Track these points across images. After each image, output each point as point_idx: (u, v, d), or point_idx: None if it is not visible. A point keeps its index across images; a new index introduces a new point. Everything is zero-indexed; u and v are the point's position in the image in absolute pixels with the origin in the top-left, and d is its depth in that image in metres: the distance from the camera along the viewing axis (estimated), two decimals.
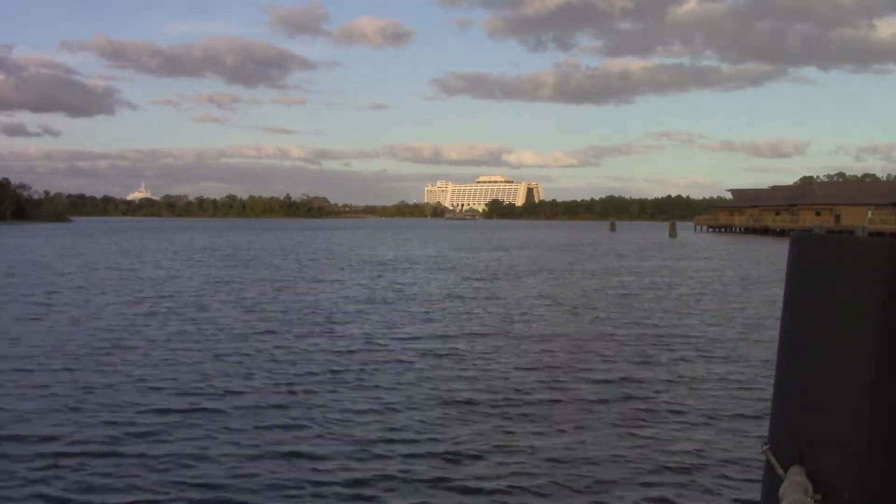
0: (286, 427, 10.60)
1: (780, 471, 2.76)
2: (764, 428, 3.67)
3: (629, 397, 12.55)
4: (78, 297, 26.51)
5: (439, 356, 16.03)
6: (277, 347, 16.82)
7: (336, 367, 14.64)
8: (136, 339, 17.71)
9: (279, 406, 11.73)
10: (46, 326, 19.66)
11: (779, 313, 3.08)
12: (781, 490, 2.58)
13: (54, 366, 14.58)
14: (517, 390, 12.96)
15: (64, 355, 15.61)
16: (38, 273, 37.17)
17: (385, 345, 17.41)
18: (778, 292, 27.27)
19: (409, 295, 28.40)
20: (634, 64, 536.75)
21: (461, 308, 24.47)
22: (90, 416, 11.09)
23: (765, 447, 2.96)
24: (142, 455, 9.31)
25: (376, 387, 13.10)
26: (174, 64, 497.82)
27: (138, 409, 11.39)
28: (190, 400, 12.03)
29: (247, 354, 15.97)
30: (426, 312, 23.31)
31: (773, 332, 17.97)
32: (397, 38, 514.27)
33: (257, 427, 10.58)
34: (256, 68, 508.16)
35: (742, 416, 11.49)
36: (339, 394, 12.54)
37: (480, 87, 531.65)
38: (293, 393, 12.55)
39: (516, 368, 14.83)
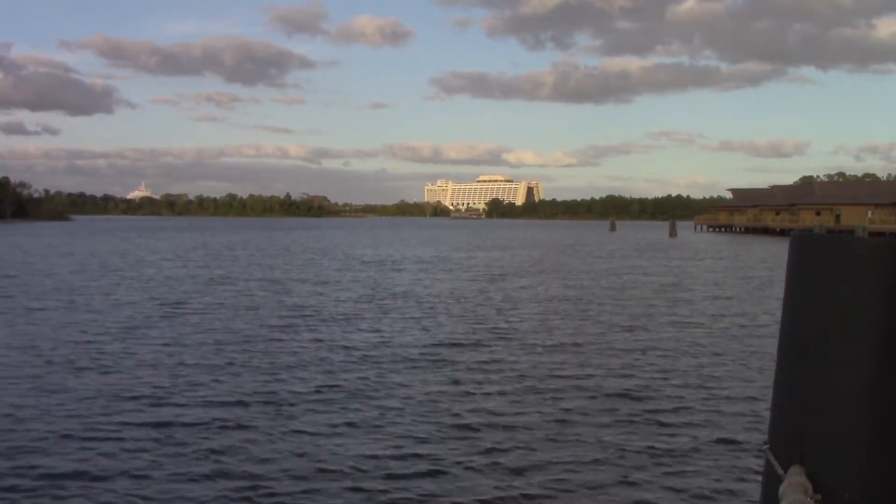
0: (270, 437, 10.36)
1: (780, 471, 2.76)
2: (763, 428, 3.67)
3: (627, 398, 12.55)
4: (63, 298, 26.25)
5: (435, 360, 16.01)
6: (267, 352, 16.27)
7: (325, 374, 14.21)
8: (116, 344, 17.09)
9: (265, 415, 11.41)
10: (23, 330, 19.06)
11: (779, 313, 3.08)
12: (781, 490, 2.58)
13: (26, 371, 14.07)
14: (516, 392, 12.95)
15: (38, 360, 15.15)
16: (28, 273, 37.07)
17: (380, 349, 17.37)
18: (778, 292, 27.26)
19: (406, 296, 28.38)
20: (633, 63, 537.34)
21: (459, 310, 24.47)
22: (58, 426, 10.56)
23: (765, 447, 2.97)
24: (107, 471, 8.88)
25: (369, 392, 13.01)
26: (173, 63, 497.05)
27: (111, 421, 10.83)
28: (165, 410, 11.47)
29: (235, 360, 15.40)
30: (424, 315, 23.30)
31: (772, 332, 17.96)
32: (396, 37, 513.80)
33: (240, 439, 10.31)
34: (255, 67, 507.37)
35: (741, 416, 11.49)
36: (325, 402, 12.14)
37: (480, 86, 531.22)
38: (280, 403, 12.03)
39: (515, 371, 14.82)
